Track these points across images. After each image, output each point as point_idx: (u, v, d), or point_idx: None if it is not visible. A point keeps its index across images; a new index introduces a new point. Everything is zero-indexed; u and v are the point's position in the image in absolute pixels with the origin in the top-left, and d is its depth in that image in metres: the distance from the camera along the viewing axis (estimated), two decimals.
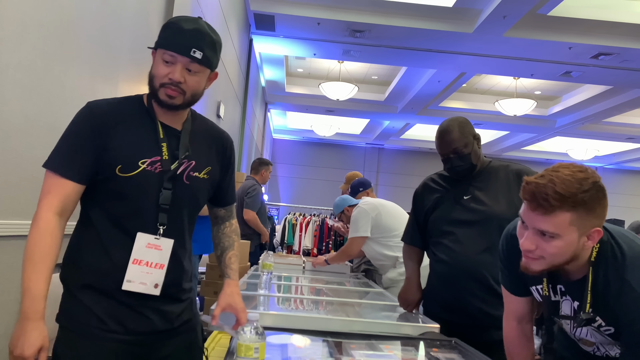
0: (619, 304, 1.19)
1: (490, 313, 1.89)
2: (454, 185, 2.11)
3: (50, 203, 1.24)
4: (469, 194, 2.04)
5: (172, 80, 1.28)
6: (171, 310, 1.35)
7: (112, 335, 1.27)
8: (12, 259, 2.08)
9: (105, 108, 1.33)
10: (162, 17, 3.54)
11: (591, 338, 1.33)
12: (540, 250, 1.17)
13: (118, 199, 1.29)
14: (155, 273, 1.30)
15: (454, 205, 2.06)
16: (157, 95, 1.31)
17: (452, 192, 2.09)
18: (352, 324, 1.76)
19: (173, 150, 1.34)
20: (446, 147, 2.03)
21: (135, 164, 1.29)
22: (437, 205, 2.11)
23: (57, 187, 1.25)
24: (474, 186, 2.05)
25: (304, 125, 13.73)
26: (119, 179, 1.27)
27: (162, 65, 1.29)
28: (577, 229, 1.13)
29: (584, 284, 1.23)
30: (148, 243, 1.29)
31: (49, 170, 1.27)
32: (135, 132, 1.32)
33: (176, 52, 1.27)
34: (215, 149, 1.45)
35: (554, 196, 1.11)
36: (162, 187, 1.30)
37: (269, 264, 2.50)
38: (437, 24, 6.78)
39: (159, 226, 1.30)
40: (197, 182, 1.38)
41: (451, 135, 2.01)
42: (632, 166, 15.12)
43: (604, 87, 9.02)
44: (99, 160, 1.27)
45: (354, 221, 3.19)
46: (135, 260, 1.28)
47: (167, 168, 1.31)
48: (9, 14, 1.89)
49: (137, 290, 1.28)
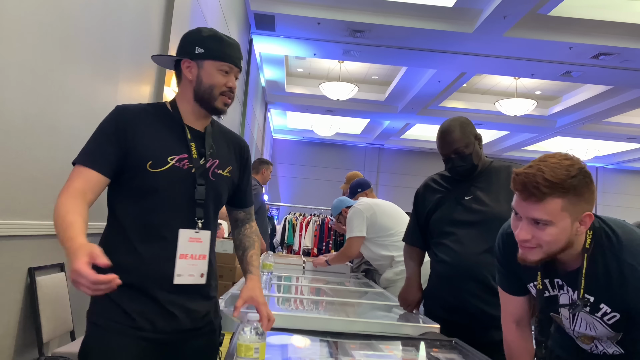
0: (626, 288, 1.20)
1: (491, 313, 1.88)
2: (455, 185, 2.10)
3: (75, 184, 1.28)
4: (471, 194, 2.04)
5: (231, 88, 1.42)
6: (197, 309, 1.41)
7: (140, 332, 1.30)
8: (12, 259, 2.08)
9: (133, 109, 1.41)
10: (162, 17, 3.54)
11: (591, 331, 1.32)
12: (536, 239, 1.19)
13: (148, 194, 1.34)
14: (199, 264, 1.39)
15: (455, 205, 2.05)
16: (212, 103, 1.41)
17: (453, 193, 2.09)
18: (352, 324, 1.76)
19: (199, 149, 1.42)
20: (447, 147, 2.02)
21: (165, 159, 1.35)
22: (439, 206, 2.11)
23: (82, 175, 1.30)
24: (476, 186, 2.05)
25: (304, 125, 13.72)
26: (149, 174, 1.33)
27: (220, 75, 1.40)
28: (569, 214, 1.17)
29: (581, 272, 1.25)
30: (190, 237, 1.37)
31: (77, 164, 1.32)
32: (162, 132, 1.39)
33: (232, 63, 1.41)
34: (233, 150, 1.54)
35: (544, 184, 1.14)
36: (195, 182, 1.38)
37: (269, 264, 2.50)
38: (437, 24, 6.78)
39: (197, 220, 1.38)
40: (221, 179, 1.46)
41: (452, 136, 2.01)
42: (632, 166, 15.11)
43: (604, 87, 9.01)
44: (127, 158, 1.33)
45: (349, 222, 3.20)
46: (181, 255, 1.35)
47: (197, 165, 1.39)
48: (9, 14, 1.89)
49: (188, 282, 1.36)
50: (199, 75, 1.40)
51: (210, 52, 1.40)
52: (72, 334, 2.46)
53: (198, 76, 1.40)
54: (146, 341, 1.31)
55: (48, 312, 2.24)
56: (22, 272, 2.15)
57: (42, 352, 2.17)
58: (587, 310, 1.27)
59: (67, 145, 2.43)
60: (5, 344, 2.06)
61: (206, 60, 1.40)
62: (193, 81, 1.41)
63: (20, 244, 2.13)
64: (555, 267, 1.31)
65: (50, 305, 2.26)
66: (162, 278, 1.34)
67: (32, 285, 2.17)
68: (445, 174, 2.17)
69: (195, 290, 1.40)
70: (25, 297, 2.16)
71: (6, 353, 2.06)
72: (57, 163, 2.35)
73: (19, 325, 2.12)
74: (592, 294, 1.25)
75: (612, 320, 1.26)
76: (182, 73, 1.44)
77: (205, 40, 1.40)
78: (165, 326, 1.34)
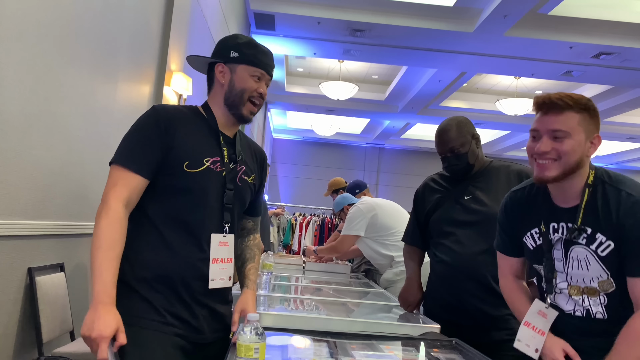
0: (622, 214, 1.31)
1: (491, 313, 1.88)
2: (454, 185, 2.10)
3: (118, 194, 1.28)
4: (470, 194, 2.04)
5: (262, 94, 1.45)
6: (222, 311, 1.45)
7: (170, 328, 1.32)
8: (12, 259, 2.08)
9: (170, 109, 1.42)
10: (162, 17, 3.54)
11: (583, 270, 1.37)
12: (555, 151, 1.32)
13: (183, 194, 1.35)
14: (228, 267, 1.43)
15: (454, 205, 2.05)
16: (240, 108, 1.43)
17: (452, 193, 2.08)
18: (352, 324, 1.76)
19: (231, 154, 1.45)
20: (443, 146, 2.03)
21: (201, 161, 1.37)
22: (438, 206, 2.11)
23: (124, 179, 1.30)
24: (475, 186, 2.04)
25: (304, 125, 13.72)
26: (185, 174, 1.35)
27: (252, 81, 1.43)
28: (583, 130, 1.31)
29: (581, 204, 1.36)
30: (220, 242, 1.40)
31: (116, 165, 1.31)
32: (197, 134, 1.41)
33: (265, 71, 1.44)
34: (256, 160, 1.58)
35: (565, 99, 1.31)
36: (225, 187, 1.41)
37: (269, 264, 2.50)
38: (437, 24, 6.78)
39: (225, 224, 1.41)
40: (246, 186, 1.49)
41: (449, 135, 2.01)
42: (633, 166, 15.11)
43: (604, 87, 9.01)
44: (166, 157, 1.34)
45: (349, 219, 3.20)
46: (214, 259, 1.38)
47: (228, 169, 1.42)
48: (9, 14, 1.88)
49: (220, 286, 1.40)
50: (232, 80, 1.43)
51: (245, 56, 1.43)
52: (71, 334, 2.46)
53: (231, 80, 1.43)
54: (175, 336, 1.32)
55: (48, 312, 2.24)
56: (22, 272, 2.15)
57: (41, 352, 2.16)
58: (583, 243, 1.35)
59: (67, 145, 2.43)
60: (5, 344, 2.05)
61: (240, 64, 1.43)
62: (225, 85, 1.44)
63: (20, 244, 2.13)
64: (554, 209, 1.41)
65: (49, 305, 2.26)
66: (198, 279, 1.36)
67: (32, 285, 2.17)
68: (444, 174, 2.17)
69: (222, 293, 1.44)
70: (24, 297, 2.16)
71: (6, 353, 2.06)
72: (57, 163, 2.35)
73: (18, 325, 2.12)
74: (589, 226, 1.34)
75: (606, 251, 1.33)
76: (214, 78, 1.46)
77: (240, 46, 1.44)
78: (196, 326, 1.36)
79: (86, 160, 2.62)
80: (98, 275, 1.21)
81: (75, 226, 2.57)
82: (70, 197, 2.51)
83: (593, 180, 1.36)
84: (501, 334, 1.82)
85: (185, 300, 1.35)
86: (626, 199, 1.31)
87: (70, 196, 2.51)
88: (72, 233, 2.56)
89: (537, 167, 1.35)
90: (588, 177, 1.36)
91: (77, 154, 2.53)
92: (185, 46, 3.86)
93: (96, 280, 1.21)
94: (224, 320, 1.47)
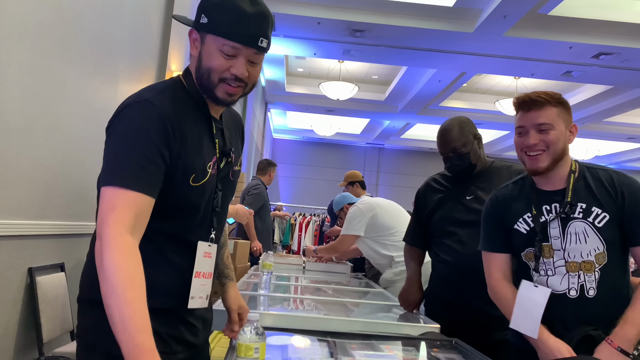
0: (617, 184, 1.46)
1: (492, 313, 1.88)
2: (456, 185, 2.10)
3: (120, 218, 0.94)
4: (472, 194, 2.04)
5: (236, 75, 1.07)
6: (209, 317, 1.29)
7: (175, 356, 1.14)
8: (12, 259, 2.08)
9: (169, 106, 1.06)
10: (162, 17, 3.54)
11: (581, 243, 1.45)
12: (543, 142, 1.47)
13: (188, 210, 1.10)
14: (207, 284, 1.16)
15: (456, 205, 2.06)
16: (212, 91, 1.09)
17: (454, 192, 2.09)
18: (352, 324, 1.76)
19: (222, 147, 1.17)
20: (445, 145, 2.05)
21: (205, 170, 1.11)
22: (440, 206, 2.11)
23: (125, 202, 0.96)
24: (477, 186, 2.05)
25: (304, 125, 13.73)
26: (191, 189, 1.08)
27: (221, 58, 1.06)
28: (562, 121, 1.48)
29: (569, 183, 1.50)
30: (205, 252, 1.14)
31: (113, 187, 0.96)
32: (197, 132, 1.11)
33: (242, 43, 1.04)
34: (236, 132, 1.29)
35: (543, 96, 1.48)
36: (215, 188, 1.14)
37: (269, 264, 2.50)
38: (437, 24, 6.78)
39: (212, 230, 1.16)
40: (236, 177, 1.24)
41: (450, 135, 2.02)
42: (633, 166, 15.11)
43: (604, 87, 9.01)
44: (173, 170, 1.04)
45: (348, 219, 3.21)
46: (197, 273, 1.12)
47: (220, 167, 1.17)
48: (9, 14, 1.89)
49: (198, 306, 1.14)
50: (201, 53, 1.08)
51: (213, 23, 1.05)
52: (72, 333, 2.46)
53: (200, 54, 1.09)
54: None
55: (48, 312, 2.24)
56: (22, 272, 2.15)
57: (42, 351, 2.17)
58: (580, 217, 1.46)
59: (68, 146, 2.43)
60: (5, 344, 2.06)
61: (208, 34, 1.06)
62: (195, 59, 1.10)
63: (20, 244, 2.13)
64: (544, 193, 1.52)
65: (50, 305, 2.26)
66: None
67: (32, 285, 2.17)
68: (446, 174, 2.17)
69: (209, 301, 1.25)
70: (25, 297, 2.16)
71: (6, 353, 2.06)
72: (58, 163, 2.35)
73: (19, 325, 2.12)
74: (584, 202, 1.47)
75: (602, 222, 1.44)
76: None
77: (212, 6, 1.05)
78: (192, 341, 1.20)
79: (87, 160, 2.62)
80: (122, 327, 0.85)
81: (76, 226, 2.57)
82: (71, 197, 2.51)
83: (577, 167, 1.53)
84: (502, 334, 1.82)
85: (185, 318, 1.17)
86: (616, 175, 1.49)
87: (71, 196, 2.51)
88: (73, 233, 2.56)
89: (530, 160, 1.49)
90: (571, 165, 1.53)
91: (77, 154, 2.53)
92: (185, 46, 3.87)
93: (122, 333, 0.85)
94: (211, 323, 1.33)
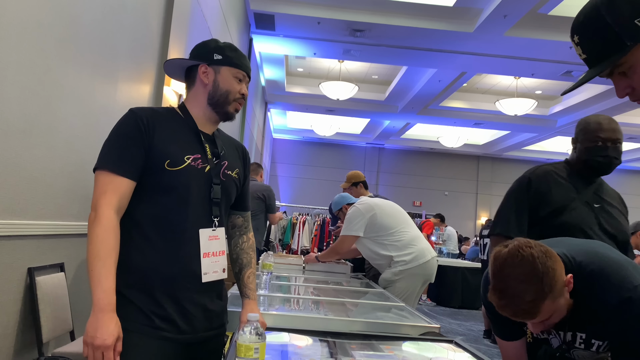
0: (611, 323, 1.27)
1: None
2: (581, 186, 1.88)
3: (109, 201, 1.31)
4: (599, 202, 1.86)
5: (244, 95, 1.52)
6: (214, 309, 1.44)
7: (159, 332, 1.33)
8: (12, 259, 2.08)
9: (148, 111, 1.44)
10: (161, 18, 3.54)
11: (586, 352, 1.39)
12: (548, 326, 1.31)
13: (167, 192, 1.37)
14: (220, 260, 1.45)
15: (590, 212, 1.83)
16: (225, 107, 1.50)
17: (583, 196, 1.86)
18: (352, 324, 1.76)
19: (213, 150, 1.49)
20: (612, 132, 1.86)
21: (182, 158, 1.40)
22: (570, 207, 1.83)
23: (113, 185, 1.32)
24: (598, 195, 1.88)
25: (304, 125, 13.73)
26: (168, 172, 1.37)
27: (235, 82, 1.50)
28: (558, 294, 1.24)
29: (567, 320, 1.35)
30: (209, 236, 1.42)
31: (103, 170, 1.34)
32: (177, 133, 1.44)
33: (245, 72, 1.53)
34: (238, 154, 1.62)
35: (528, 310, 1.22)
36: (212, 182, 1.44)
37: (269, 264, 2.50)
38: (437, 24, 6.78)
39: (214, 218, 1.44)
40: (230, 180, 1.52)
41: (618, 126, 1.88)
42: (633, 166, 15.12)
43: (604, 87, 9.02)
44: (148, 157, 1.37)
45: (348, 220, 3.20)
46: (205, 254, 1.40)
47: (211, 164, 1.45)
48: (9, 14, 1.89)
49: (215, 279, 1.42)
50: (216, 81, 1.48)
51: (228, 59, 1.49)
52: (71, 334, 2.46)
53: (215, 81, 1.48)
54: (164, 340, 1.33)
55: (48, 312, 2.24)
56: (22, 272, 2.15)
57: (41, 352, 2.16)
58: (582, 348, 1.36)
59: (67, 145, 2.43)
60: (5, 344, 2.05)
61: (223, 66, 1.49)
62: (209, 85, 1.48)
63: (20, 244, 2.13)
64: None
65: (49, 305, 2.26)
66: (189, 276, 1.37)
67: (32, 285, 2.17)
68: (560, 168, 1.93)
69: (215, 289, 1.45)
70: (24, 297, 2.16)
71: (6, 353, 2.06)
72: (57, 163, 2.35)
73: (18, 325, 2.12)
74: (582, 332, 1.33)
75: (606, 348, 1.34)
76: (195, 78, 1.50)
77: (223, 49, 1.50)
78: (185, 327, 1.36)
79: (86, 160, 2.62)
80: (97, 283, 1.24)
81: (75, 226, 2.57)
82: (70, 197, 2.51)
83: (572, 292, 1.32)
84: None
85: (173, 299, 1.35)
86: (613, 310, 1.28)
87: (70, 196, 2.51)
88: (72, 233, 2.56)
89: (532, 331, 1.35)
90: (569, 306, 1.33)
91: (77, 154, 2.53)
92: (185, 46, 3.87)
93: (95, 288, 1.24)
94: (217, 317, 1.46)
